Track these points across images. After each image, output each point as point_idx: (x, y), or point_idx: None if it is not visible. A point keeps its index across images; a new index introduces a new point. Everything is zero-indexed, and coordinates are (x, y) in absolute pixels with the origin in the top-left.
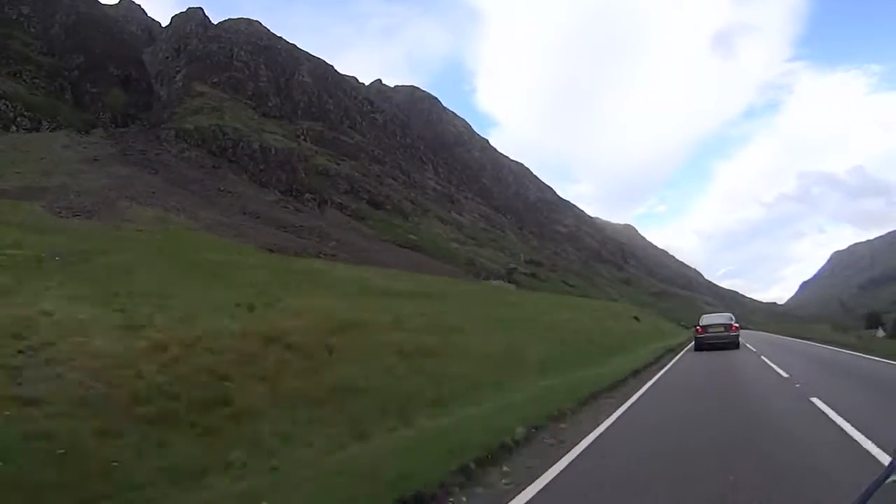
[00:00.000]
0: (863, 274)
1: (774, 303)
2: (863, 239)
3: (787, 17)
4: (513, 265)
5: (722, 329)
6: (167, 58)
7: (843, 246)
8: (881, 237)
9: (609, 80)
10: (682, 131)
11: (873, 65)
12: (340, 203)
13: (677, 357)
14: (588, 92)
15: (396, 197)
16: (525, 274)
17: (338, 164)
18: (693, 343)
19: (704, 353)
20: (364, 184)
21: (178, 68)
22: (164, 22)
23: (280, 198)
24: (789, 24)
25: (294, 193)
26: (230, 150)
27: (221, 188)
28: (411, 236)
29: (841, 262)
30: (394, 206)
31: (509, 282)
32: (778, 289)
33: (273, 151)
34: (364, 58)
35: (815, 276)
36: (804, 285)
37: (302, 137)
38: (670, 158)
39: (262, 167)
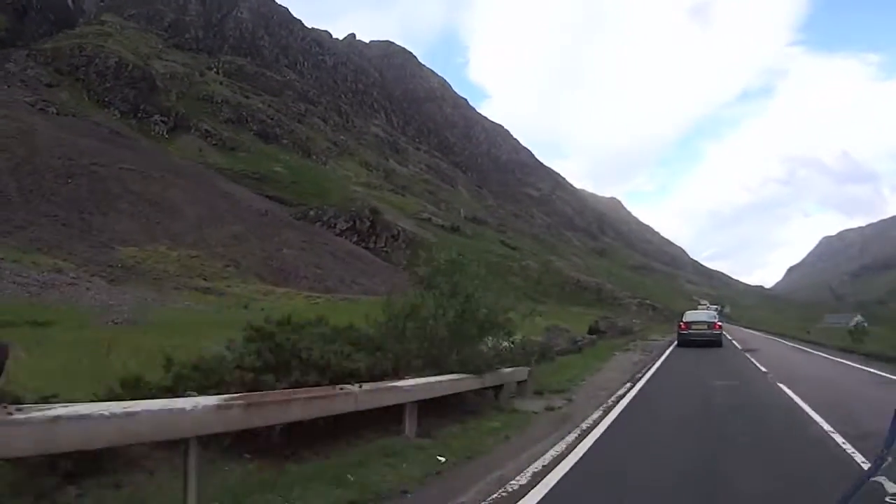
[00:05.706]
0: (852, 261)
1: (762, 286)
2: (849, 225)
3: (791, 2)
4: (425, 215)
5: (705, 327)
6: None
7: (832, 232)
8: (872, 224)
9: (607, 60)
10: (677, 113)
11: (871, 54)
12: (207, 130)
13: None
14: (584, 70)
15: (309, 135)
16: (441, 227)
17: (247, 98)
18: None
19: None
20: (265, 117)
21: (102, 3)
22: None
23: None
24: (792, 9)
25: (140, 115)
26: (81, 69)
27: None
28: (277, 168)
29: (830, 248)
30: (296, 143)
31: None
32: (763, 272)
33: (129, 67)
34: (356, 28)
35: (803, 262)
36: (791, 270)
37: (214, 70)
38: (663, 138)
39: (108, 85)
